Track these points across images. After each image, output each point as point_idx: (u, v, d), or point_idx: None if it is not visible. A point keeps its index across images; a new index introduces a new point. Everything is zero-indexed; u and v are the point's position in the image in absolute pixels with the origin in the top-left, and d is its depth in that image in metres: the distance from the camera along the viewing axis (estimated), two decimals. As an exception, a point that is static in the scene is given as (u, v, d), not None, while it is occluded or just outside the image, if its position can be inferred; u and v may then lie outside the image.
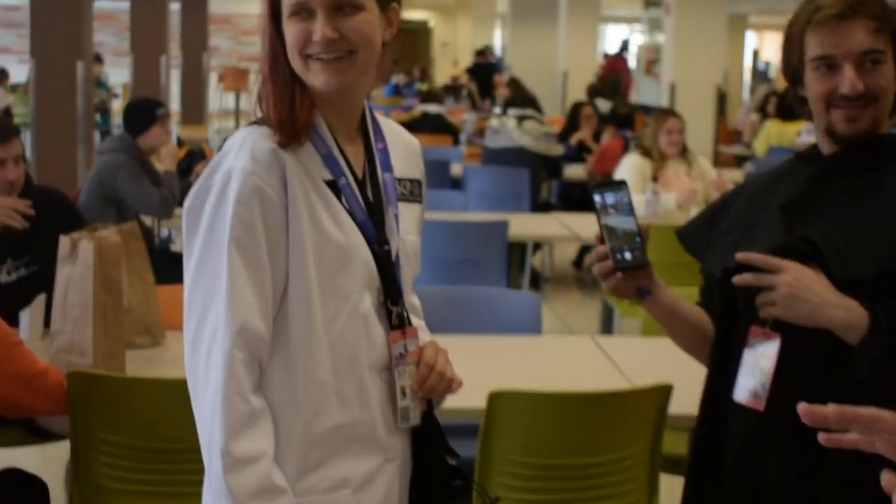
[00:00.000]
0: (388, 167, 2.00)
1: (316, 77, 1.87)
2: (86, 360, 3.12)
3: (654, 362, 3.20)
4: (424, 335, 2.09)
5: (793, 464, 2.09)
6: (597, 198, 2.11)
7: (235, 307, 1.81)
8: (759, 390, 2.12)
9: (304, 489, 1.88)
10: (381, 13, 1.90)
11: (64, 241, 3.26)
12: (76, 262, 3.21)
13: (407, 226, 2.01)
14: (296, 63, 1.87)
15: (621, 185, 2.13)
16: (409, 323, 1.98)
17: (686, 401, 2.33)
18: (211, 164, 1.89)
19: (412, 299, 2.11)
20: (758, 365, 2.13)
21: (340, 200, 1.90)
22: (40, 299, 3.57)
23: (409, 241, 2.01)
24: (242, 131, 1.92)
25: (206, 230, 1.84)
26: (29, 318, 3.53)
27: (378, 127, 2.03)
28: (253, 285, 1.82)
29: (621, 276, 2.12)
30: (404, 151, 2.07)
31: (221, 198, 1.84)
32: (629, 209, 2.12)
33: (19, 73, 14.41)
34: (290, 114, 1.87)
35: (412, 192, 2.05)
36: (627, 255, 2.10)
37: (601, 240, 2.12)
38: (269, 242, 1.84)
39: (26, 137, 9.64)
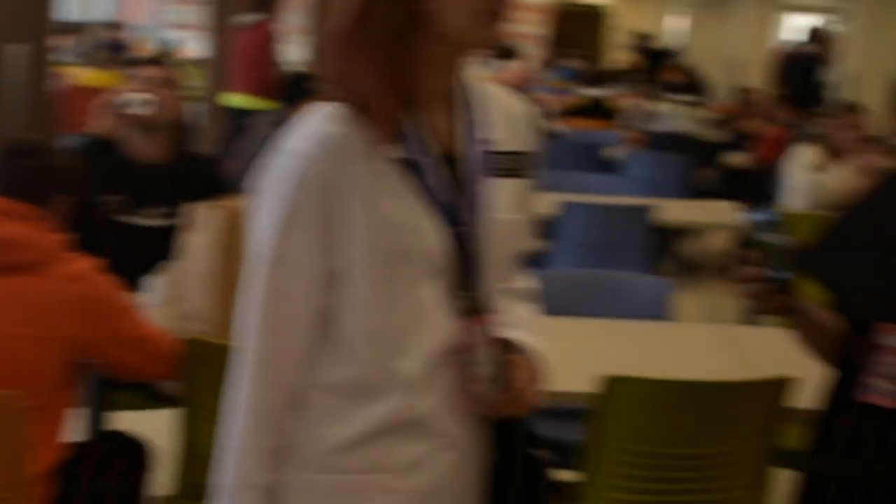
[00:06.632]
0: (480, 140, 1.83)
1: (485, 37, 1.72)
2: (204, 327, 3.16)
3: (789, 355, 3.08)
4: (522, 319, 1.98)
5: None
6: (748, 216, 2.06)
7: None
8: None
9: (340, 467, 1.81)
10: None
11: (197, 209, 3.31)
12: (205, 230, 3.26)
13: (504, 203, 1.85)
14: (461, 21, 1.70)
15: (771, 202, 2.08)
16: (487, 309, 1.83)
17: (813, 395, 2.25)
18: (276, 146, 1.78)
19: (514, 282, 1.98)
20: None
21: (420, 179, 1.76)
22: (171, 267, 3.63)
23: (502, 220, 1.84)
24: (312, 113, 1.79)
25: (264, 214, 1.78)
26: (159, 283, 3.59)
27: (475, 95, 1.86)
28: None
29: (774, 296, 2.06)
30: (508, 121, 1.89)
31: (278, 184, 1.75)
32: (779, 226, 2.05)
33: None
34: (398, 98, 1.73)
35: (515, 165, 1.88)
36: (781, 274, 2.04)
37: (750, 260, 2.05)
38: (321, 234, 1.74)
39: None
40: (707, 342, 3.62)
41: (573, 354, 3.24)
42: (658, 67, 14.72)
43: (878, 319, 2.09)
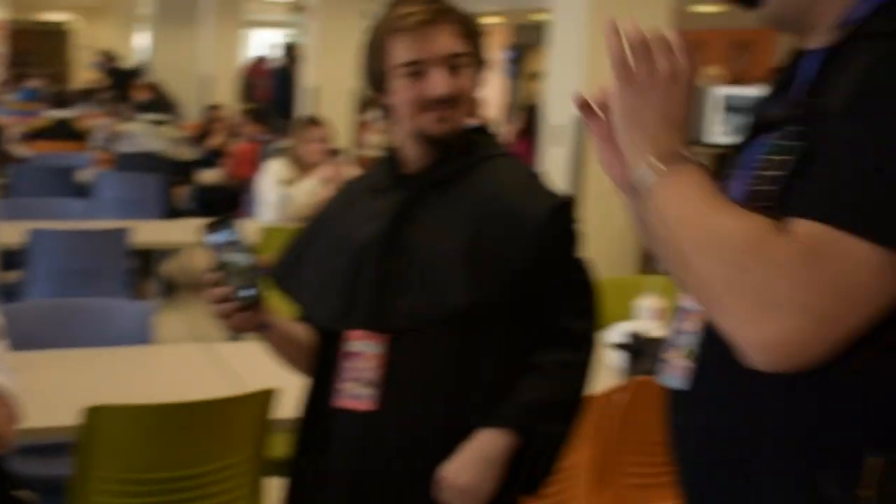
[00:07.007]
0: None
1: None
2: None
3: (270, 368, 3.19)
4: None
5: (411, 458, 2.13)
6: (209, 238, 2.05)
7: None
8: (368, 391, 2.13)
9: None
10: None
11: None
12: None
13: None
14: None
15: (231, 221, 2.08)
16: None
17: (297, 403, 2.32)
18: None
19: None
20: (365, 366, 2.14)
21: None
22: None
23: None
24: None
25: None
26: None
27: None
28: None
29: (244, 315, 2.07)
30: None
31: None
32: (242, 244, 2.07)
33: None
34: None
35: None
36: (248, 292, 2.05)
37: (218, 280, 2.06)
38: None
39: None
40: (193, 362, 3.63)
41: (54, 388, 3.14)
42: (126, 86, 14.54)
43: (342, 327, 2.19)
